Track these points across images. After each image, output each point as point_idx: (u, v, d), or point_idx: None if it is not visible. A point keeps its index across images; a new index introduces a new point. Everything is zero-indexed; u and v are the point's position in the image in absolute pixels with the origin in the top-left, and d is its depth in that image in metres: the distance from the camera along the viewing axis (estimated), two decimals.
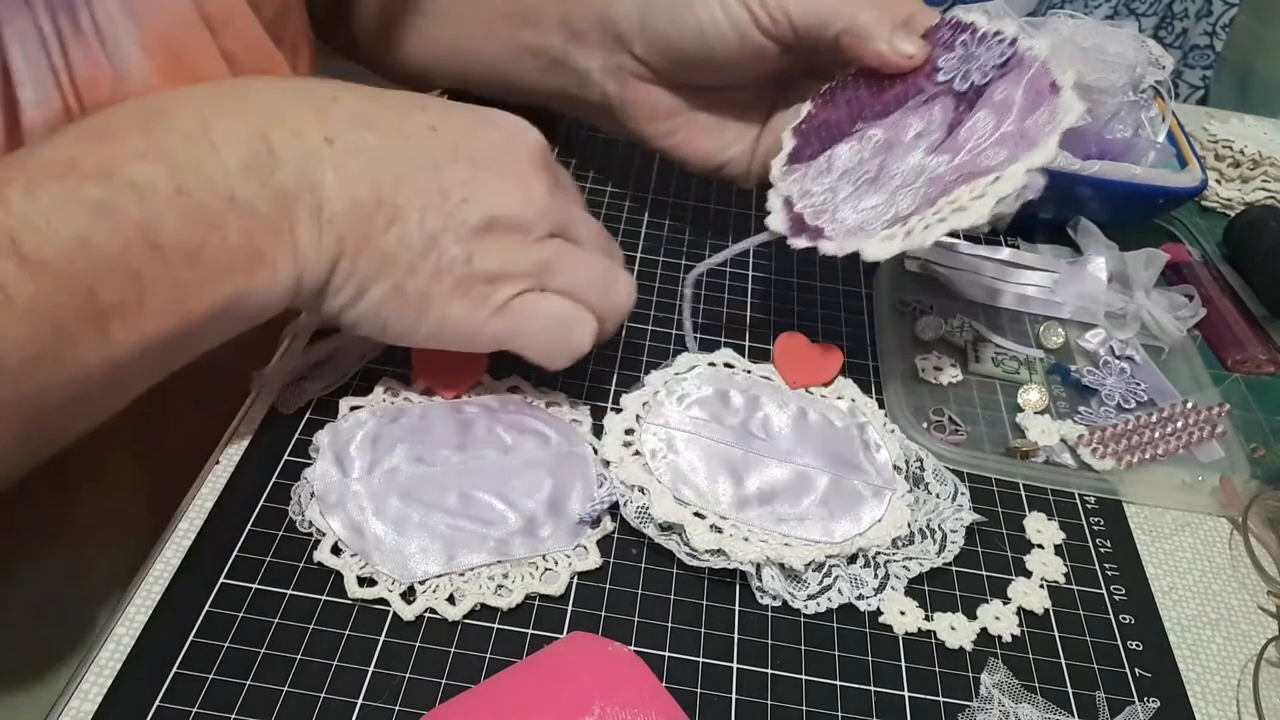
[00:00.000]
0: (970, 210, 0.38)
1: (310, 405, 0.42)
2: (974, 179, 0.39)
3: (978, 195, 0.38)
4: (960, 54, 0.42)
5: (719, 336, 0.49)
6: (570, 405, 0.43)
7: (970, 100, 0.41)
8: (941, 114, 0.42)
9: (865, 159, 0.43)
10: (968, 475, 0.44)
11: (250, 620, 0.34)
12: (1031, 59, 0.40)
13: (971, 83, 0.41)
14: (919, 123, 0.42)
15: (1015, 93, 0.40)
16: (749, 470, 0.40)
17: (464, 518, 0.37)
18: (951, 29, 0.43)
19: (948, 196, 0.39)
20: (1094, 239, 0.55)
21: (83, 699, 0.32)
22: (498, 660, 0.34)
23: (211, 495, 0.38)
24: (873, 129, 0.43)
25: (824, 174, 0.44)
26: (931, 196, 0.39)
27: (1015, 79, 0.40)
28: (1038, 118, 0.39)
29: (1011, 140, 0.39)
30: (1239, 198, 0.66)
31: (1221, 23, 1.23)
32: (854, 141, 0.43)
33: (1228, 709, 0.37)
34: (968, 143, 0.40)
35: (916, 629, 0.37)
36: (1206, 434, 0.46)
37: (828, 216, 0.42)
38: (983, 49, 0.41)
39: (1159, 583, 0.41)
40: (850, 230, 0.41)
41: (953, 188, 0.39)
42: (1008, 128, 0.39)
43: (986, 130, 0.40)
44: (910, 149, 0.42)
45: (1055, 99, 0.39)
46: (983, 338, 0.51)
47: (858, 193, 0.42)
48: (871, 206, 0.41)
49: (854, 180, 0.42)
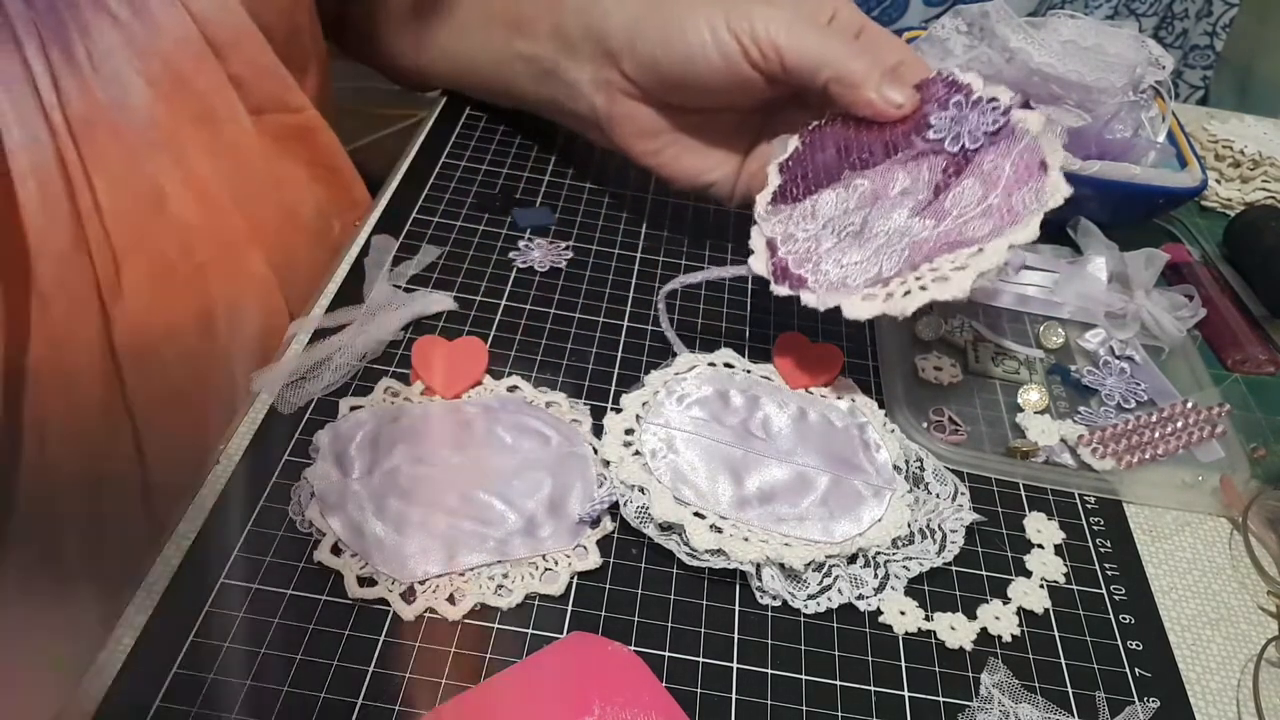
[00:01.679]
0: (952, 281, 0.38)
1: (310, 405, 0.42)
2: (957, 248, 0.39)
3: (959, 266, 0.38)
4: (953, 114, 0.42)
5: (719, 337, 0.49)
6: (570, 405, 0.43)
7: (959, 164, 0.41)
8: (929, 173, 0.42)
9: (850, 209, 0.43)
10: (968, 475, 0.44)
11: (250, 620, 0.34)
12: (1023, 132, 0.40)
13: (962, 145, 0.41)
14: (906, 179, 0.42)
15: (1004, 164, 0.40)
16: (749, 470, 0.40)
17: (464, 518, 0.37)
18: (947, 86, 0.43)
19: (930, 263, 0.39)
20: (1094, 239, 0.55)
21: (83, 699, 0.32)
22: (498, 660, 0.34)
23: (212, 495, 0.38)
24: (860, 178, 0.43)
25: (808, 219, 0.44)
26: (914, 261, 0.39)
27: (1005, 150, 0.40)
28: (1024, 195, 0.39)
29: (997, 214, 0.39)
30: (1239, 198, 0.66)
31: (1221, 23, 1.23)
32: (840, 188, 0.43)
33: (1228, 709, 0.37)
34: (953, 210, 0.40)
35: (916, 629, 0.37)
36: (1206, 434, 0.46)
37: (811, 266, 0.42)
38: (976, 113, 0.41)
39: (1159, 583, 0.41)
40: (833, 284, 0.41)
41: (935, 255, 0.39)
42: (993, 199, 0.39)
43: (973, 200, 0.40)
44: (896, 205, 0.42)
45: (1044, 178, 0.39)
46: (983, 338, 0.51)
47: (841, 245, 0.42)
48: (855, 262, 0.41)
49: (838, 231, 0.42)
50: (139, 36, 0.37)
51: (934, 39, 0.62)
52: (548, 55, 0.52)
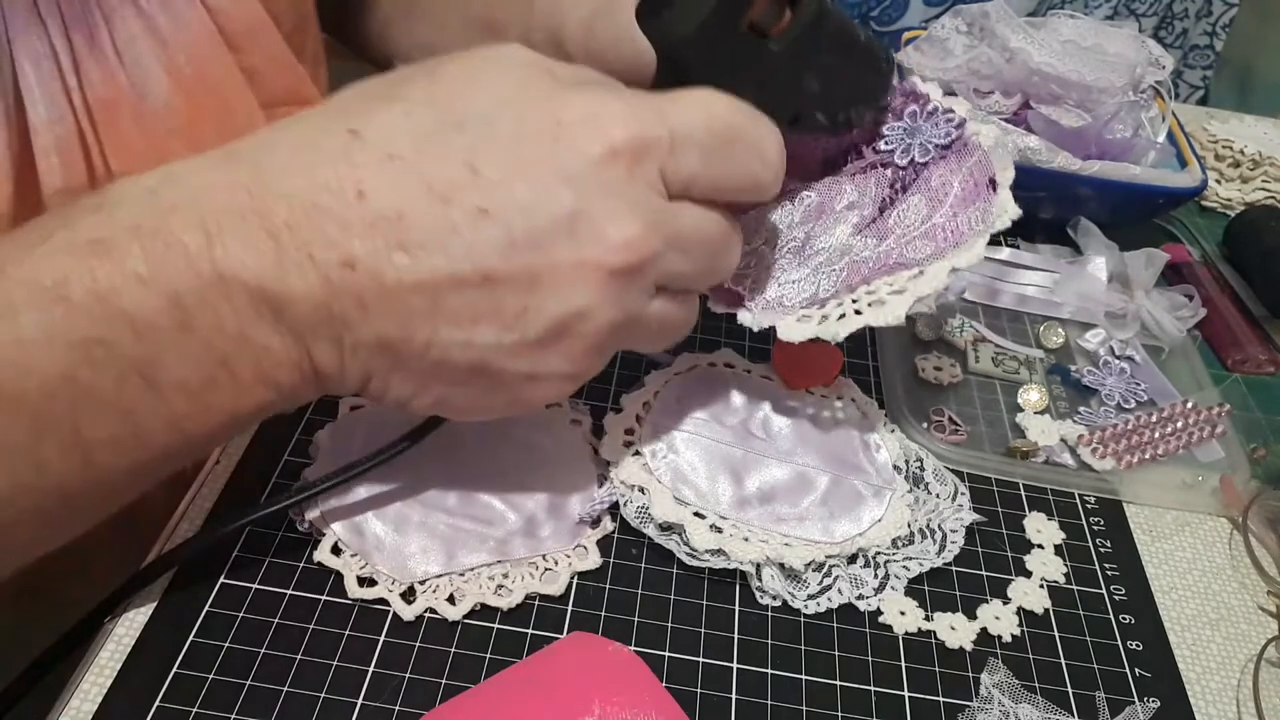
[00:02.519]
0: (888, 306, 0.37)
1: (310, 405, 0.42)
2: (896, 270, 0.38)
3: (897, 290, 0.37)
4: (906, 125, 0.40)
5: (719, 336, 0.49)
6: (570, 405, 0.43)
7: (906, 178, 0.40)
8: (876, 187, 0.41)
9: (795, 223, 0.41)
10: (968, 475, 0.44)
11: (250, 620, 0.34)
12: (975, 146, 0.39)
13: (912, 158, 0.40)
14: (853, 192, 0.41)
15: (953, 181, 0.39)
16: (749, 470, 0.40)
17: (464, 518, 0.37)
18: (904, 97, 0.41)
19: (868, 286, 0.38)
20: (1094, 239, 0.55)
21: (83, 699, 0.32)
22: (498, 660, 0.34)
23: (211, 495, 0.38)
24: (807, 190, 0.42)
25: (752, 234, 0.41)
26: (852, 283, 0.38)
27: (955, 165, 0.39)
28: (970, 215, 0.38)
29: (940, 234, 0.38)
30: (1239, 198, 0.66)
31: (1221, 23, 1.23)
32: (787, 202, 0.42)
33: (1228, 709, 0.37)
34: (896, 229, 0.39)
35: (916, 629, 0.37)
36: (1206, 434, 0.46)
37: (749, 283, 0.40)
38: (929, 125, 0.40)
39: (1159, 583, 0.41)
40: (769, 303, 0.40)
41: (873, 277, 0.38)
42: (938, 219, 0.38)
43: (916, 219, 0.39)
44: (839, 220, 0.40)
45: (992, 197, 0.38)
46: (983, 338, 0.51)
47: (781, 263, 0.41)
48: (792, 281, 0.40)
49: (779, 248, 0.41)
50: (161, 26, 0.38)
51: (934, 39, 0.62)
52: None
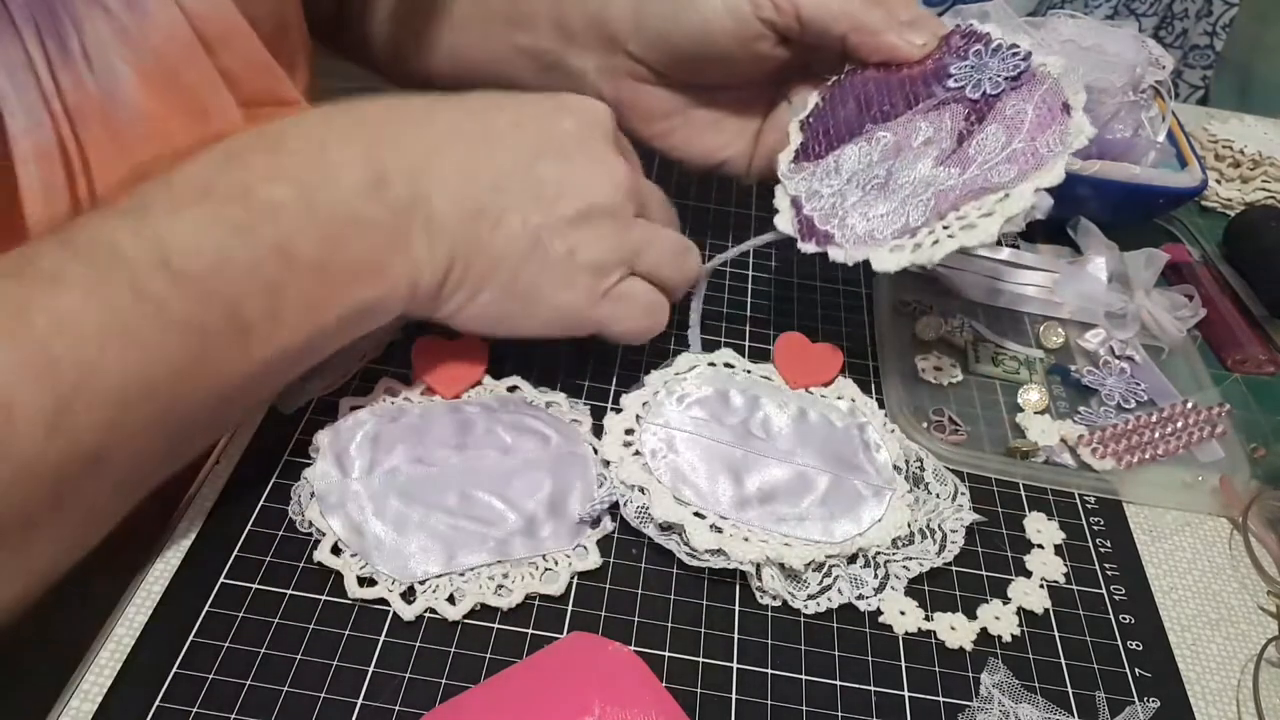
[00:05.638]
0: (979, 228, 0.38)
1: (310, 405, 0.42)
2: (983, 195, 0.39)
3: (986, 213, 0.38)
4: (973, 62, 0.42)
5: (719, 336, 0.49)
6: (570, 405, 0.43)
7: (980, 110, 0.41)
8: (951, 121, 0.42)
9: (874, 162, 0.43)
10: (968, 475, 0.44)
11: (250, 620, 0.34)
12: (1044, 75, 0.40)
13: (984, 91, 0.41)
14: (928, 128, 0.42)
15: (1027, 108, 0.40)
16: (749, 470, 0.40)
17: (464, 518, 0.37)
18: (965, 37, 0.43)
19: (957, 212, 0.39)
20: (1094, 239, 0.55)
21: (83, 699, 0.32)
22: (498, 660, 0.34)
23: (211, 495, 0.38)
24: (882, 130, 0.43)
25: (832, 175, 0.44)
26: (941, 210, 0.39)
27: (1027, 94, 0.40)
28: (1047, 137, 0.39)
29: (1021, 158, 0.39)
30: (1239, 198, 0.66)
31: (1221, 23, 1.23)
32: (862, 142, 0.43)
33: (1228, 709, 0.37)
34: (977, 157, 0.40)
35: (916, 629, 0.37)
36: (1206, 434, 0.46)
37: (837, 222, 0.42)
38: (996, 59, 0.42)
39: (1159, 583, 0.41)
40: (860, 238, 0.41)
41: (961, 203, 0.39)
42: (1017, 144, 0.39)
43: (996, 146, 0.40)
44: (919, 156, 0.42)
45: (1066, 120, 0.39)
46: (983, 338, 0.51)
47: (866, 198, 0.42)
48: (881, 214, 0.41)
49: (862, 185, 0.42)
50: (130, 29, 0.37)
51: None
52: (550, 47, 0.52)
